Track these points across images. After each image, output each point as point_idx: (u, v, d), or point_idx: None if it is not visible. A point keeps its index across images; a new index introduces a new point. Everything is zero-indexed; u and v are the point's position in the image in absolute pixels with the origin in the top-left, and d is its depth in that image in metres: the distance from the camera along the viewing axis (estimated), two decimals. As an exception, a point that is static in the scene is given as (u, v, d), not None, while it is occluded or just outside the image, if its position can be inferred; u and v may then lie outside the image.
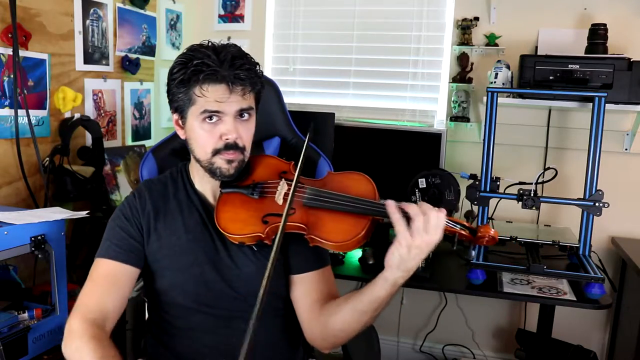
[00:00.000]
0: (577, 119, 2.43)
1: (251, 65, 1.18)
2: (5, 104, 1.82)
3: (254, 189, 1.23)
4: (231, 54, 1.16)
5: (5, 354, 1.38)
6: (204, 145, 1.19)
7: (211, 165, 1.20)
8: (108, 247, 1.22)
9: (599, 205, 1.89)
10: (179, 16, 2.79)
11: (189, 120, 1.21)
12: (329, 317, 1.20)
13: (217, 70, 1.14)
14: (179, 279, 1.22)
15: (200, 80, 1.14)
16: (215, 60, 1.14)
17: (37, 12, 1.92)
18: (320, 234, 1.15)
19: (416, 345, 2.76)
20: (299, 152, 1.26)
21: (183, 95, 1.19)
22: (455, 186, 2.13)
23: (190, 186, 1.30)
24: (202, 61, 1.14)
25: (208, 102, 1.15)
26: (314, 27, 2.75)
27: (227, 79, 1.14)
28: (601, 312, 2.49)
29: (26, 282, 1.73)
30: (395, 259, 1.06)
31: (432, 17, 2.59)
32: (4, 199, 1.84)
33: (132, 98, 2.48)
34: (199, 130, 1.19)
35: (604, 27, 2.18)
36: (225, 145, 1.18)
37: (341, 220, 1.15)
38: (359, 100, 2.72)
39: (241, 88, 1.16)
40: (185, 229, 1.24)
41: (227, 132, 1.17)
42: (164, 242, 1.24)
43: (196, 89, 1.16)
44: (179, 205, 1.27)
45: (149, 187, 1.30)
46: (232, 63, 1.15)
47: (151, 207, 1.26)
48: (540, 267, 1.83)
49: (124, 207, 1.27)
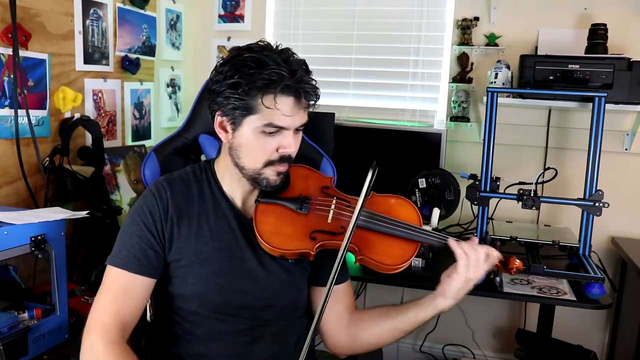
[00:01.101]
0: (577, 119, 2.43)
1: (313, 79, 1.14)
2: (5, 104, 1.82)
3: (303, 204, 1.20)
4: (301, 65, 1.11)
5: (5, 354, 1.37)
6: (256, 156, 1.13)
7: (258, 175, 1.15)
8: (125, 257, 1.13)
9: (599, 205, 1.89)
10: (179, 16, 2.79)
11: (243, 128, 1.12)
12: (362, 330, 1.23)
13: (290, 82, 1.07)
14: (202, 288, 1.17)
15: (274, 91, 1.06)
16: (287, 70, 1.07)
17: (37, 12, 1.92)
18: (372, 256, 1.18)
19: (416, 345, 2.76)
20: (300, 153, 1.25)
21: (242, 102, 1.09)
22: (455, 186, 2.13)
23: (217, 188, 1.22)
24: (275, 70, 1.06)
25: (275, 115, 1.08)
26: (314, 27, 2.75)
27: (297, 92, 1.08)
28: (601, 312, 2.49)
29: (26, 282, 1.73)
30: (454, 289, 1.15)
31: (432, 17, 2.59)
32: (4, 199, 1.84)
33: (132, 98, 2.48)
34: (255, 141, 1.11)
35: (604, 27, 2.18)
36: (281, 157, 1.14)
37: (394, 245, 1.19)
38: (359, 100, 2.72)
39: (307, 103, 1.12)
40: (212, 236, 1.18)
41: (287, 145, 1.12)
42: (188, 248, 1.17)
43: (266, 99, 1.07)
44: (204, 209, 1.20)
45: (171, 186, 1.19)
46: (302, 75, 1.09)
47: (174, 210, 1.17)
48: (540, 267, 1.83)
49: (143, 212, 1.16)
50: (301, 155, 1.25)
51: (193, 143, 1.48)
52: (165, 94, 2.74)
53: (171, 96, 2.78)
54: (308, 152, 1.44)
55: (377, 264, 1.18)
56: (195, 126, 1.48)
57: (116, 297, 1.11)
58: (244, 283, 1.18)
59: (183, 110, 2.86)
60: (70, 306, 1.61)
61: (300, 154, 1.22)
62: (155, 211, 1.16)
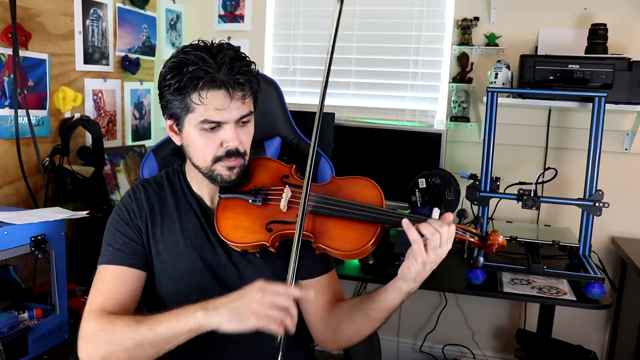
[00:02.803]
0: (577, 119, 2.43)
1: (249, 67, 1.13)
2: (5, 104, 1.82)
3: (257, 195, 1.20)
4: (228, 56, 1.10)
5: (5, 354, 1.38)
6: (203, 154, 1.15)
7: (211, 172, 1.16)
8: (111, 253, 1.17)
9: (599, 205, 1.89)
10: (179, 16, 2.79)
11: (185, 128, 1.15)
12: (340, 322, 1.21)
13: (215, 76, 1.07)
14: (176, 286, 1.19)
15: (199, 88, 1.08)
16: (213, 64, 1.08)
17: (37, 12, 1.92)
18: (328, 242, 1.13)
19: (416, 345, 2.76)
20: (300, 152, 1.25)
21: (179, 103, 1.12)
22: (455, 186, 2.13)
23: (187, 188, 1.25)
24: (199, 67, 1.07)
25: (207, 110, 1.10)
26: (314, 27, 2.75)
27: (226, 85, 1.08)
28: (601, 312, 2.49)
29: (26, 282, 1.73)
30: (412, 273, 1.09)
31: (432, 17, 2.59)
32: (4, 199, 1.84)
33: (132, 98, 2.48)
34: (198, 139, 1.13)
35: (604, 27, 2.18)
36: (227, 152, 1.14)
37: (349, 229, 1.13)
38: (359, 100, 2.72)
39: (241, 94, 1.11)
40: (183, 234, 1.20)
41: (228, 139, 1.13)
42: (162, 246, 1.20)
43: (193, 96, 1.09)
44: (176, 209, 1.23)
45: (145, 188, 1.25)
46: (230, 67, 1.09)
47: (148, 210, 1.21)
48: (540, 267, 1.83)
49: (121, 211, 1.22)
50: (300, 154, 1.24)
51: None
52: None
53: (171, 96, 2.78)
54: (307, 152, 1.43)
55: (335, 251, 1.13)
56: (194, 127, 1.48)
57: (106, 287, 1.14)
58: (217, 279, 1.20)
59: (183, 110, 2.85)
60: (70, 306, 1.61)
61: (299, 154, 1.21)
62: (131, 209, 1.21)
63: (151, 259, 1.20)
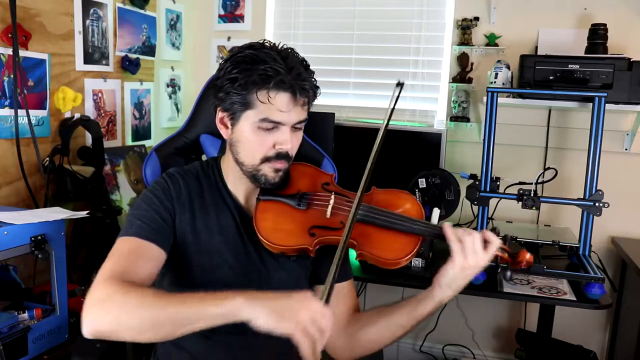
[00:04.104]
0: (577, 119, 2.43)
1: (312, 76, 1.15)
2: (5, 104, 1.82)
3: (301, 200, 1.20)
4: (299, 62, 1.12)
5: (5, 354, 1.38)
6: (253, 152, 1.14)
7: (257, 172, 1.16)
8: (138, 227, 1.11)
9: (599, 205, 1.89)
10: (179, 16, 2.79)
11: (240, 123, 1.14)
12: (360, 329, 1.21)
13: (285, 78, 1.08)
14: (205, 279, 1.17)
15: (269, 87, 1.08)
16: (284, 66, 1.08)
17: (37, 12, 1.92)
18: (372, 250, 1.15)
19: (416, 345, 2.76)
20: (301, 153, 1.25)
21: (241, 98, 1.11)
22: (455, 186, 2.13)
23: (222, 185, 1.24)
24: (271, 66, 1.08)
25: (271, 110, 1.10)
26: (314, 27, 2.75)
27: (294, 88, 1.09)
28: (601, 312, 2.49)
29: (26, 282, 1.73)
30: (448, 278, 1.10)
31: (432, 17, 2.59)
32: (4, 199, 1.84)
33: (132, 98, 2.48)
34: (252, 136, 1.13)
35: (604, 27, 2.18)
36: (277, 154, 1.14)
37: (393, 239, 1.16)
38: (359, 100, 2.72)
39: (304, 100, 1.12)
40: (219, 230, 1.19)
41: (283, 142, 1.13)
42: (197, 238, 1.18)
43: (260, 94, 1.09)
44: (213, 203, 1.21)
45: (183, 177, 1.21)
46: (299, 72, 1.10)
47: (186, 198, 1.19)
48: (540, 267, 1.83)
49: (156, 190, 1.18)
50: (303, 155, 1.25)
51: (194, 143, 1.48)
52: (165, 94, 2.74)
53: (171, 96, 2.78)
54: (309, 152, 1.44)
55: (378, 259, 1.16)
56: (197, 126, 1.48)
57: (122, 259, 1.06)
58: (246, 277, 1.19)
59: (183, 110, 2.86)
60: (70, 306, 1.61)
61: (302, 154, 1.22)
62: (168, 192, 1.18)
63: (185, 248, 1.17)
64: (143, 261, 1.07)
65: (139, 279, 1.03)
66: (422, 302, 1.14)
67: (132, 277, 1.01)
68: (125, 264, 1.05)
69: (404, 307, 1.16)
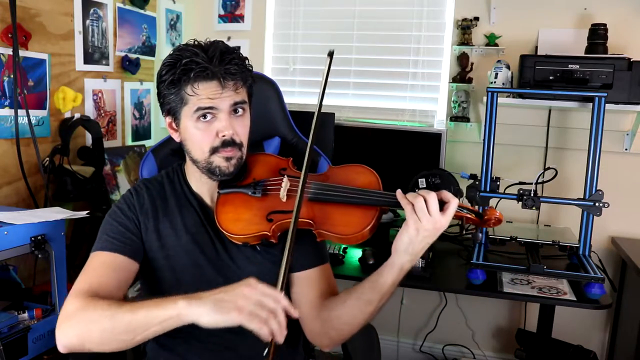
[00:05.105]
0: (577, 119, 2.43)
1: (240, 60, 1.17)
2: (5, 104, 1.82)
3: (256, 187, 1.21)
4: (219, 49, 1.14)
5: (5, 354, 1.38)
6: (200, 145, 1.17)
7: (209, 164, 1.18)
8: (105, 241, 1.18)
9: (599, 205, 1.89)
10: (179, 16, 2.79)
11: (182, 122, 1.18)
12: (332, 311, 1.20)
13: (207, 67, 1.12)
14: (178, 280, 1.21)
15: (191, 79, 1.12)
16: (204, 57, 1.13)
17: (37, 12, 1.92)
18: (329, 227, 1.15)
19: (416, 345, 2.76)
20: (299, 152, 1.25)
21: (174, 97, 1.16)
22: (455, 186, 2.13)
23: (187, 187, 1.28)
24: (191, 59, 1.12)
25: (201, 99, 1.13)
26: (314, 27, 2.75)
27: (218, 75, 1.12)
28: (601, 312, 2.49)
29: (26, 282, 1.73)
30: (404, 242, 1.08)
31: (432, 17, 2.59)
32: (4, 199, 1.84)
33: (132, 98, 2.48)
34: (194, 130, 1.16)
35: (604, 27, 2.18)
36: (222, 142, 1.16)
37: (349, 213, 1.15)
38: (359, 100, 2.72)
39: (233, 83, 1.15)
40: (185, 230, 1.23)
41: (222, 128, 1.15)
42: (165, 241, 1.22)
43: (187, 88, 1.14)
44: (177, 205, 1.25)
45: (146, 186, 1.28)
46: (221, 59, 1.13)
47: (149, 205, 1.24)
48: (540, 267, 1.83)
49: (121, 203, 1.24)
50: (300, 154, 1.24)
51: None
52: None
53: (171, 96, 2.78)
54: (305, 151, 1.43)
55: (339, 236, 1.15)
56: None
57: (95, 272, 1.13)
58: (218, 274, 1.21)
59: (183, 110, 2.86)
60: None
61: (299, 154, 1.22)
62: (131, 203, 1.24)
63: (154, 253, 1.21)
64: (113, 273, 1.13)
65: (108, 291, 1.09)
66: (382, 272, 1.13)
67: (101, 289, 1.08)
68: (92, 279, 1.11)
69: (368, 281, 1.15)
